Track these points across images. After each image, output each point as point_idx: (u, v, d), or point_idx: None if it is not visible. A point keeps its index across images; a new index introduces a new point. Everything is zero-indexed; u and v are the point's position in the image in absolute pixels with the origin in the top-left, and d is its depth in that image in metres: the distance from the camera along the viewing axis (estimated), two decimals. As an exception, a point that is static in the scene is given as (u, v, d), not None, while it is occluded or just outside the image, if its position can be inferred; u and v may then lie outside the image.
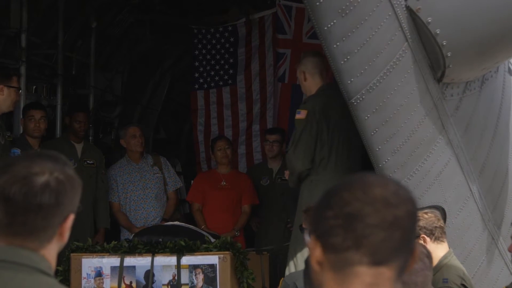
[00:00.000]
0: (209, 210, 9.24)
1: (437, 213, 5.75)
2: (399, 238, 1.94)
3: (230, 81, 11.04)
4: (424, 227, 5.53)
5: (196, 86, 11.16)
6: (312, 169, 7.01)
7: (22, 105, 8.82)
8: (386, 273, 1.94)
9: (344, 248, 1.93)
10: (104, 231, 8.94)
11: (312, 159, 7.00)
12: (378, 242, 1.92)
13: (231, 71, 11.04)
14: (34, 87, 9.37)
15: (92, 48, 10.33)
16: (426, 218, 5.59)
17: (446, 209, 6.38)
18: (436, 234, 5.53)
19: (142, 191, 9.05)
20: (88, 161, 8.97)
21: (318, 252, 1.96)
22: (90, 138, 10.15)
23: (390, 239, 1.93)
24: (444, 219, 5.84)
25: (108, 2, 10.22)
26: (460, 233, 6.78)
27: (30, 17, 8.97)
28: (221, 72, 11.08)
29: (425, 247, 4.59)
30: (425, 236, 5.52)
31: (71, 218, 2.34)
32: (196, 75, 11.14)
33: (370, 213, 1.93)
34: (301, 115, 7.01)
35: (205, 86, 11.15)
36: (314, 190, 6.87)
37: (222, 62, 11.07)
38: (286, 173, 7.34)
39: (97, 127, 10.68)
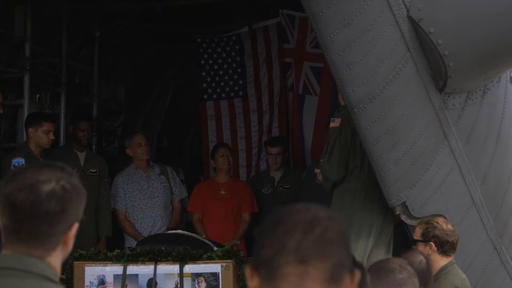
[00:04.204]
0: (209, 220, 9.23)
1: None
2: (319, 235, 2.01)
3: (241, 93, 11.02)
4: (437, 237, 5.50)
5: (205, 97, 11.12)
6: (344, 177, 6.90)
7: (25, 114, 8.86)
8: (313, 272, 1.99)
9: (273, 254, 2.00)
10: (105, 239, 8.95)
11: (346, 166, 6.87)
12: (299, 237, 2.00)
13: (240, 82, 11.03)
14: (37, 95, 9.39)
15: (95, 57, 10.36)
16: (444, 229, 5.54)
17: (448, 218, 6.39)
18: (445, 248, 5.51)
19: (149, 199, 9.07)
20: (90, 170, 8.99)
21: (255, 281, 2.03)
22: (93, 146, 10.17)
23: (311, 235, 2.01)
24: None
25: (111, 11, 10.26)
26: (462, 242, 6.77)
27: (34, 26, 9.01)
28: (231, 83, 11.05)
29: (422, 254, 4.61)
30: (432, 244, 5.50)
31: (75, 227, 2.38)
32: (204, 85, 11.10)
33: (291, 215, 2.06)
34: (335, 123, 6.86)
35: (215, 96, 11.11)
36: (345, 198, 6.80)
37: (231, 72, 11.05)
38: (318, 172, 7.16)
39: (101, 136, 10.71)
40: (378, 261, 4.50)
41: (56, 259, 2.35)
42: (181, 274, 6.72)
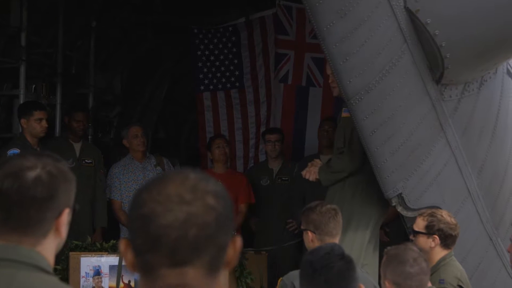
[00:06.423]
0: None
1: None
2: (194, 236, 1.85)
3: (237, 84, 11.00)
4: (442, 230, 5.52)
5: (202, 88, 11.09)
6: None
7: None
8: (191, 272, 1.87)
9: (145, 251, 1.88)
10: (101, 230, 8.95)
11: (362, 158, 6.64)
12: (172, 242, 1.84)
13: (237, 73, 11.01)
14: (33, 86, 9.37)
15: (92, 48, 10.34)
16: (448, 222, 5.55)
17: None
18: (448, 242, 5.54)
19: None
20: (86, 161, 8.99)
21: (129, 255, 1.93)
22: (89, 137, 10.16)
23: (184, 238, 1.85)
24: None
25: (108, 2, 10.23)
26: (458, 234, 6.80)
27: (30, 16, 8.98)
28: (227, 74, 11.03)
29: (417, 247, 4.62)
30: (437, 237, 5.51)
31: (66, 212, 2.36)
32: (201, 76, 11.08)
33: (161, 212, 1.85)
34: (348, 113, 6.53)
35: (211, 87, 11.08)
36: (346, 192, 6.73)
37: (227, 63, 11.04)
38: (313, 170, 6.85)
39: (96, 127, 10.70)
40: (397, 246, 4.49)
41: (47, 247, 2.34)
42: (177, 265, 6.71)
